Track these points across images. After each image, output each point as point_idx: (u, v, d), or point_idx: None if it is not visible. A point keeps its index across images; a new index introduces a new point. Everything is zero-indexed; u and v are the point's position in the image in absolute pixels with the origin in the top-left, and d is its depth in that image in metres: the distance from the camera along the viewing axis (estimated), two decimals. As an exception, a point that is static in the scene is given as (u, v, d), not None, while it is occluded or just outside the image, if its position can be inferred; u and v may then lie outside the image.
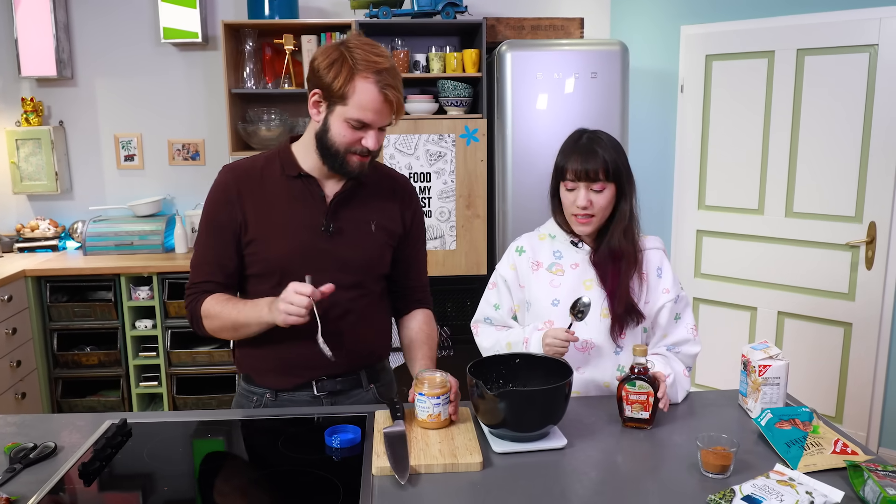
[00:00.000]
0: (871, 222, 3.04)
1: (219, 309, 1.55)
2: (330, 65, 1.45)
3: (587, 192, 1.65)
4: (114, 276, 3.36)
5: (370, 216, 1.62)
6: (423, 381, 1.48)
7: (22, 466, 1.33)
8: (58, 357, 3.40)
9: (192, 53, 3.76)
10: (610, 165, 1.63)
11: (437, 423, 1.47)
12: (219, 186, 1.59)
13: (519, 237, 1.83)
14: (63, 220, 3.83)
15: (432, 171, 3.35)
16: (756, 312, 3.46)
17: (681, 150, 3.61)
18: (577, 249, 1.74)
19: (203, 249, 1.60)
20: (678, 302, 1.73)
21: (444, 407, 1.47)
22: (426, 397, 1.46)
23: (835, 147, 3.10)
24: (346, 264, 1.59)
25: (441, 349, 3.49)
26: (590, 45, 3.24)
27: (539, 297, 1.73)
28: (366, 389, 1.70)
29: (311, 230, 1.56)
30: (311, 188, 1.58)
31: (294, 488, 1.28)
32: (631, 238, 1.69)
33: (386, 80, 1.44)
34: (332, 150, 1.50)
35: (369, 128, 1.48)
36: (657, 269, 1.74)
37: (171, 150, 3.83)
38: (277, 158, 1.60)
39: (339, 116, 1.47)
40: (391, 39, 3.51)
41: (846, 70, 3.03)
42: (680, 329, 1.74)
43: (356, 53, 1.44)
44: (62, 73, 3.62)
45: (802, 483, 1.22)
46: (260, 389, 1.66)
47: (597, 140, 1.67)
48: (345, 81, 1.43)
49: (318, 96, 1.49)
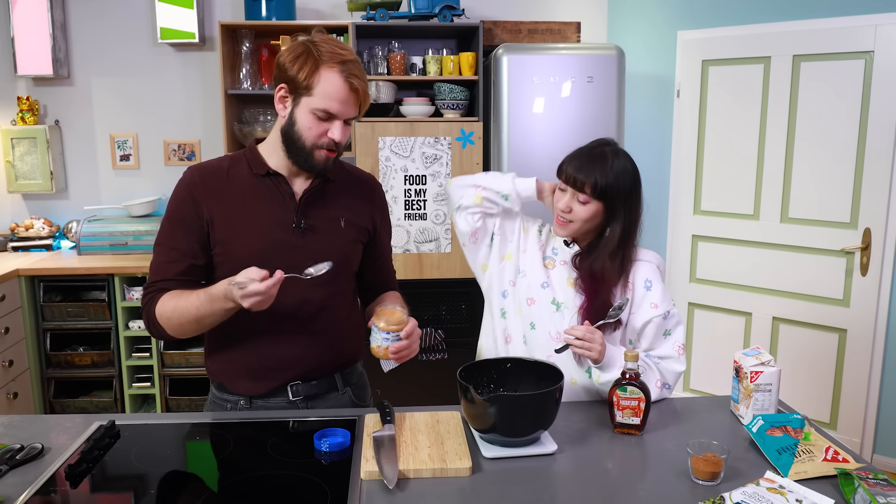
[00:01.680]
0: (866, 229, 3.04)
1: (173, 305, 1.50)
2: (295, 58, 1.46)
3: (572, 199, 1.66)
4: (108, 276, 3.34)
5: (339, 213, 1.63)
6: (381, 313, 1.50)
7: (8, 468, 1.32)
8: (50, 357, 3.39)
9: (188, 54, 3.75)
10: (601, 184, 1.62)
11: (384, 355, 1.49)
12: (184, 185, 1.57)
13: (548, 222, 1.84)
14: (58, 219, 3.82)
15: (428, 173, 3.35)
16: (751, 318, 3.46)
17: (677, 155, 3.61)
18: (569, 249, 1.76)
19: (165, 249, 1.56)
20: (668, 319, 1.70)
21: (391, 343, 1.48)
22: (378, 330, 1.48)
23: (830, 153, 3.11)
24: (318, 261, 1.57)
25: (435, 352, 3.49)
26: (586, 49, 3.24)
27: (532, 269, 1.76)
28: (341, 392, 1.69)
29: (281, 227, 1.56)
30: (279, 186, 1.58)
31: (282, 492, 1.27)
32: (618, 264, 1.67)
33: (351, 70, 1.46)
34: (298, 143, 1.51)
35: (335, 119, 1.49)
36: (645, 280, 1.70)
37: (166, 151, 3.83)
38: (244, 158, 1.60)
39: (306, 108, 1.48)
40: (388, 42, 3.51)
41: (842, 76, 3.03)
42: (666, 345, 1.71)
43: (321, 46, 1.46)
44: (58, 73, 3.61)
45: (793, 491, 1.22)
46: (233, 397, 1.64)
47: (606, 157, 1.65)
48: (310, 72, 1.45)
49: (284, 90, 1.50)
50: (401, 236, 3.37)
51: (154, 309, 1.53)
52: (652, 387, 1.63)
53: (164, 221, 1.58)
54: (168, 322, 1.52)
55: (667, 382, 1.68)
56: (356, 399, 1.73)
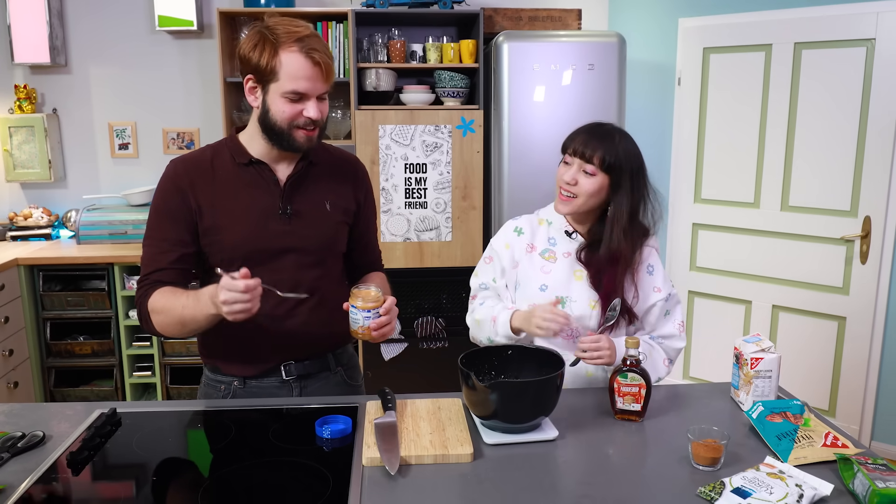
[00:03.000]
0: (866, 217, 3.04)
1: (164, 303, 1.49)
2: (254, 46, 1.46)
3: (577, 171, 1.65)
4: (107, 265, 3.34)
5: (324, 196, 1.63)
6: (357, 294, 1.49)
7: (10, 455, 1.33)
8: (51, 346, 3.39)
9: (186, 41, 3.73)
10: (610, 157, 1.62)
11: (366, 335, 1.49)
12: (168, 177, 1.56)
13: (518, 217, 1.82)
14: (56, 208, 3.81)
15: (428, 161, 3.34)
16: (751, 306, 3.46)
17: (677, 143, 3.60)
18: (570, 239, 1.74)
19: (155, 241, 1.55)
20: (668, 300, 1.74)
21: (371, 321, 1.48)
22: (357, 310, 1.48)
23: (831, 141, 3.10)
24: (307, 245, 1.60)
25: (436, 341, 3.49)
26: (587, 36, 3.23)
27: (529, 280, 1.73)
28: (333, 372, 1.71)
29: (268, 214, 1.57)
30: (263, 174, 1.58)
31: (284, 478, 1.27)
32: (631, 241, 1.66)
33: (310, 45, 1.46)
34: (276, 129, 1.51)
35: (307, 97, 1.49)
36: (648, 265, 1.73)
37: (165, 139, 3.81)
38: (225, 148, 1.60)
39: (275, 93, 1.48)
40: (388, 29, 3.49)
41: (843, 64, 3.02)
42: (668, 325, 1.75)
43: (276, 29, 1.46)
44: (56, 61, 3.59)
45: (792, 476, 1.22)
46: (227, 378, 1.65)
47: (612, 134, 1.66)
48: (270, 57, 1.45)
49: (251, 81, 1.50)
50: (401, 225, 3.37)
51: (147, 303, 1.52)
52: (660, 365, 1.69)
53: (152, 215, 1.57)
54: (157, 318, 1.51)
55: (671, 359, 1.73)
56: (348, 379, 1.75)
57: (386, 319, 1.49)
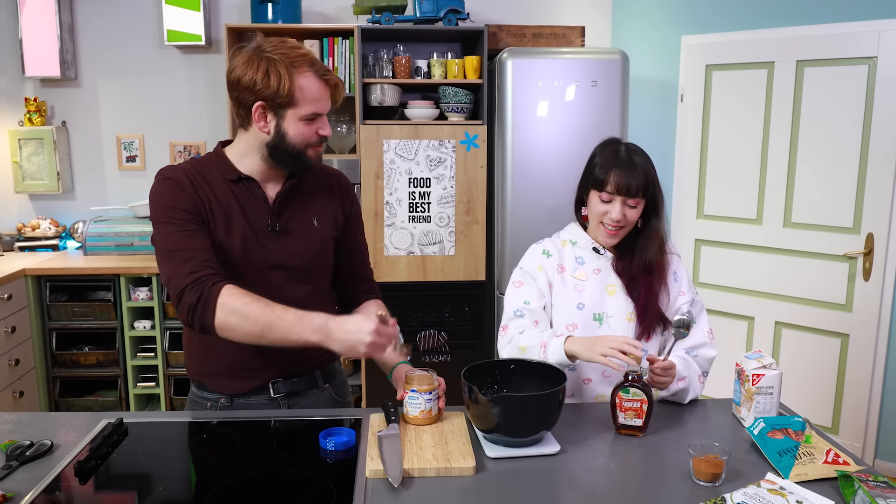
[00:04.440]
0: (868, 234, 3.05)
1: (248, 306, 1.38)
2: (265, 74, 1.44)
3: (623, 207, 1.66)
4: (113, 276, 3.37)
5: (312, 213, 1.64)
6: (413, 378, 1.53)
7: (18, 464, 1.34)
8: (56, 356, 3.41)
9: (195, 56, 3.78)
10: (649, 181, 1.66)
11: (429, 419, 1.52)
12: (168, 181, 1.51)
13: (540, 241, 1.82)
14: (64, 219, 3.84)
15: (432, 176, 3.37)
16: (753, 322, 3.46)
17: (680, 160, 3.63)
18: (599, 255, 1.75)
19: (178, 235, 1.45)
20: (693, 305, 1.77)
21: (434, 403, 1.52)
22: (419, 394, 1.50)
23: (833, 159, 3.12)
24: (295, 261, 1.61)
25: (438, 354, 3.50)
26: (590, 53, 3.26)
27: (564, 300, 1.74)
28: (321, 389, 1.71)
29: (258, 231, 1.57)
30: (252, 190, 1.58)
31: (288, 490, 1.28)
32: (664, 252, 1.74)
33: (320, 68, 1.49)
34: (292, 151, 1.52)
35: (321, 117, 1.53)
36: (673, 272, 1.78)
37: (172, 152, 3.85)
38: (212, 163, 1.58)
39: (293, 118, 1.49)
40: (393, 45, 3.53)
41: (845, 82, 3.04)
42: (696, 332, 1.75)
43: (279, 55, 1.46)
44: (66, 74, 3.64)
45: (793, 492, 1.23)
46: (213, 395, 1.64)
47: (636, 153, 1.69)
48: (289, 84, 1.45)
49: (262, 108, 1.48)
50: (405, 238, 3.39)
51: (217, 295, 1.38)
52: (696, 384, 1.70)
53: (164, 216, 1.48)
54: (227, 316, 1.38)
55: (705, 371, 1.74)
56: (336, 396, 1.75)
57: (444, 399, 1.56)
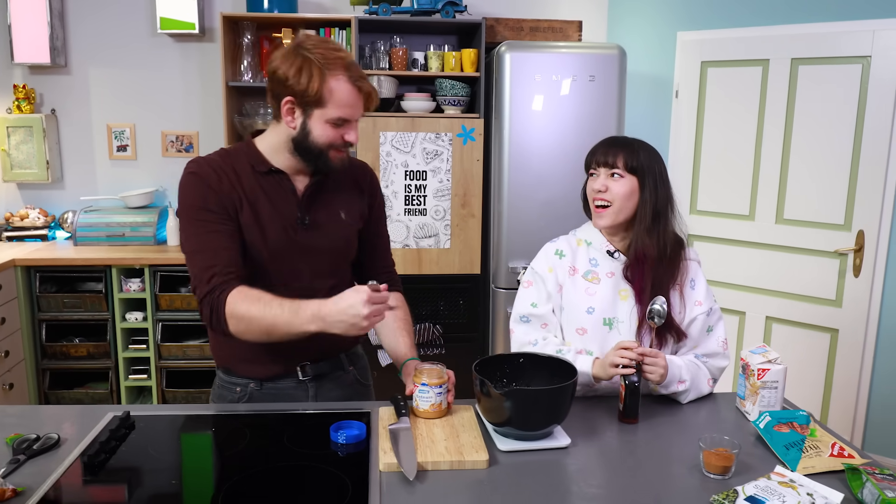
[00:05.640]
0: (859, 231, 3.10)
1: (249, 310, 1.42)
2: (299, 71, 1.44)
3: (605, 178, 1.67)
4: (105, 267, 3.33)
5: (339, 206, 1.65)
6: (422, 372, 1.53)
7: (26, 458, 1.33)
8: (46, 348, 3.37)
9: (188, 45, 3.73)
10: (632, 159, 1.66)
11: (439, 412, 1.52)
12: (196, 177, 1.51)
13: (556, 239, 1.80)
14: (53, 209, 3.79)
15: (428, 169, 3.36)
16: (745, 317, 3.50)
17: (674, 155, 3.65)
18: (613, 259, 1.73)
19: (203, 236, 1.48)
20: (710, 315, 1.74)
21: (444, 396, 1.53)
22: (429, 387, 1.51)
23: (826, 156, 3.15)
24: (323, 255, 1.62)
25: (433, 347, 3.50)
26: (588, 48, 3.26)
27: (574, 304, 1.72)
28: (346, 371, 1.74)
29: (287, 224, 1.57)
30: (282, 183, 1.58)
31: (303, 484, 1.28)
32: (656, 239, 1.66)
33: (355, 73, 1.47)
34: (314, 150, 1.52)
35: (349, 122, 1.51)
36: (690, 280, 1.74)
37: (164, 142, 3.81)
38: (243, 155, 1.58)
39: (319, 119, 1.48)
40: (390, 37, 3.51)
41: (839, 80, 3.08)
42: (710, 342, 1.74)
43: (318, 55, 1.44)
44: (55, 61, 3.58)
45: (803, 485, 1.25)
46: (242, 380, 1.66)
47: (627, 139, 1.72)
48: (319, 84, 1.44)
49: (291, 103, 1.48)
50: (400, 231, 3.38)
51: (225, 306, 1.43)
52: (703, 385, 1.70)
53: (191, 214, 1.50)
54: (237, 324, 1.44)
55: (715, 378, 1.74)
56: (360, 378, 1.78)
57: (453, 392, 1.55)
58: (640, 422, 1.57)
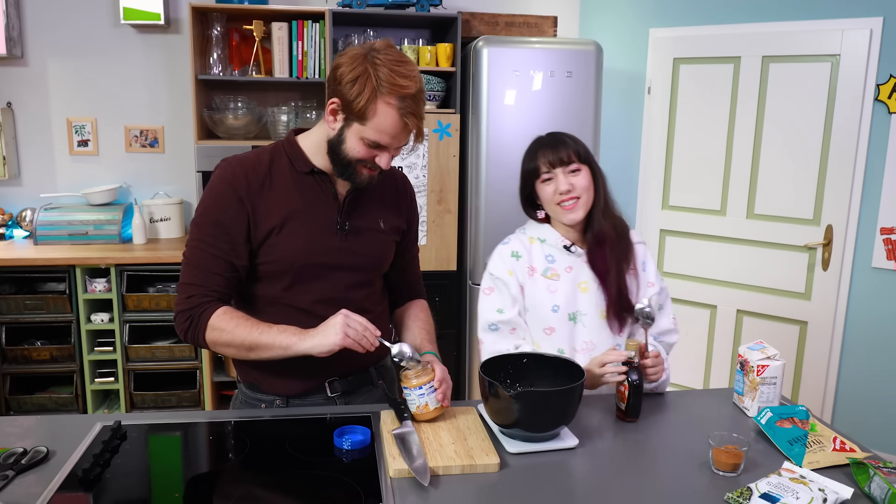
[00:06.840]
0: (828, 225, 3.17)
1: (232, 324, 1.44)
2: (354, 79, 1.37)
3: (565, 177, 1.67)
4: (68, 267, 3.19)
5: (379, 215, 1.60)
6: (403, 375, 1.48)
7: (15, 473, 1.25)
8: (6, 352, 3.22)
9: (152, 36, 3.60)
10: (580, 149, 1.69)
11: (429, 413, 1.47)
12: (224, 182, 1.47)
13: (506, 241, 1.78)
14: (10, 207, 3.62)
15: (404, 165, 3.32)
16: (716, 310, 3.56)
17: (646, 151, 3.68)
18: (569, 253, 1.73)
19: (206, 249, 1.47)
20: (661, 293, 1.80)
21: (431, 395, 1.46)
22: (410, 390, 1.46)
23: (796, 152, 3.22)
24: (360, 263, 1.56)
25: (410, 345, 3.46)
26: (565, 43, 3.26)
27: (539, 304, 1.72)
28: (375, 385, 1.68)
29: (326, 228, 1.52)
30: (323, 185, 1.52)
31: (312, 490, 1.24)
32: (611, 218, 1.71)
33: (409, 107, 1.38)
34: (343, 159, 1.46)
35: (384, 149, 1.44)
36: (641, 262, 1.79)
37: (128, 137, 3.67)
38: (284, 154, 1.53)
39: (356, 133, 1.42)
40: (363, 30, 3.45)
41: (809, 78, 3.14)
42: (663, 319, 1.81)
43: (382, 72, 1.36)
44: (11, 52, 3.41)
45: (814, 480, 1.26)
46: (268, 396, 1.59)
47: (558, 134, 1.72)
48: (367, 102, 1.36)
49: (336, 105, 1.42)
50: (376, 228, 3.34)
51: (209, 317, 1.45)
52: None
53: (203, 221, 1.48)
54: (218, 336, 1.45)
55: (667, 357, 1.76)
56: (389, 392, 1.70)
57: (446, 386, 1.49)
58: (638, 420, 1.57)
